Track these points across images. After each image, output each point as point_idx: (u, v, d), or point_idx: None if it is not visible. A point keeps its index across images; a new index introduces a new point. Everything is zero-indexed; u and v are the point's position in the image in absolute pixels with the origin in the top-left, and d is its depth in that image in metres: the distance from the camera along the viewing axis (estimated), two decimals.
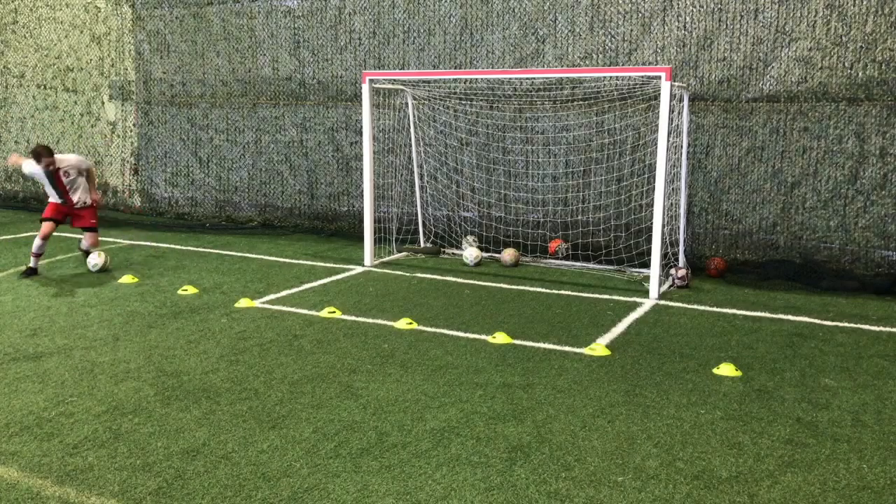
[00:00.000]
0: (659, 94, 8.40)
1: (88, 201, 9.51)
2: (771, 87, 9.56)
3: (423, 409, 5.16)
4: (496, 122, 10.94)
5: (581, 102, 10.42)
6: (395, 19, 11.69)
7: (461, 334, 6.92)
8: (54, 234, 12.47)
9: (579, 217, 10.65)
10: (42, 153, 9.14)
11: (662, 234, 8.36)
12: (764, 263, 9.61)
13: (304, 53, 12.57)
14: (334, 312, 7.56)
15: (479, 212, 11.25)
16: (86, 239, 9.67)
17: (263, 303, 7.98)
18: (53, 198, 9.43)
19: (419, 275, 9.45)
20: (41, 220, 9.36)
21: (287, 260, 10.32)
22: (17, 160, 9.62)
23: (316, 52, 12.48)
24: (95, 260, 9.46)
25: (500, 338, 6.72)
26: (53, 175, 9.24)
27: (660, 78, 8.16)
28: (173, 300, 8.06)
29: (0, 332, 6.82)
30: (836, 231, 9.46)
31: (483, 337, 6.82)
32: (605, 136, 10.35)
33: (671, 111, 8.36)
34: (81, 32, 14.98)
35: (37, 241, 9.24)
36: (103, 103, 15.00)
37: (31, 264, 9.31)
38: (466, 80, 11.07)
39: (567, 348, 6.53)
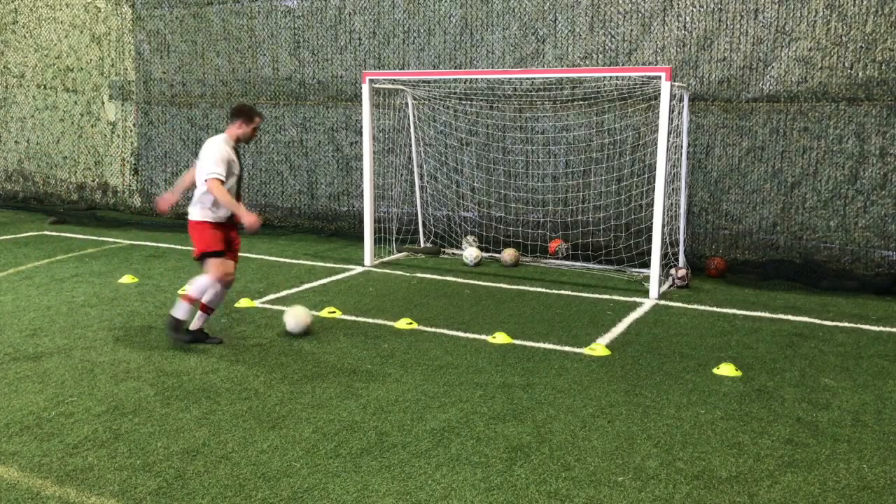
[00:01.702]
0: (659, 94, 8.40)
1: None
2: (771, 87, 9.56)
3: (423, 409, 5.16)
4: (496, 122, 10.94)
5: (581, 102, 10.41)
6: (395, 19, 11.69)
7: (461, 334, 6.91)
8: (57, 234, 12.53)
9: (579, 217, 10.65)
10: (254, 112, 6.38)
11: (662, 234, 8.36)
12: (764, 263, 9.61)
13: (304, 53, 12.57)
14: (334, 312, 7.55)
15: (479, 212, 11.25)
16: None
17: (263, 303, 7.98)
18: (215, 210, 6.27)
19: (419, 275, 9.45)
20: (211, 255, 6.27)
21: (287, 260, 10.32)
22: (173, 196, 6.60)
23: (316, 52, 12.48)
24: (294, 322, 6.77)
25: (500, 338, 6.71)
26: (237, 155, 6.43)
27: (660, 78, 8.17)
28: (173, 300, 8.05)
29: (0, 332, 6.82)
30: (836, 231, 9.46)
31: (483, 337, 6.82)
32: (605, 136, 10.35)
33: (671, 111, 8.36)
34: (81, 32, 14.99)
35: (213, 289, 6.35)
36: (103, 103, 15.00)
37: (198, 324, 6.47)
38: (466, 80, 11.07)
39: (567, 348, 6.53)
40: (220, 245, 6.32)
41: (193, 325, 6.50)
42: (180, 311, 6.33)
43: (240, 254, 6.70)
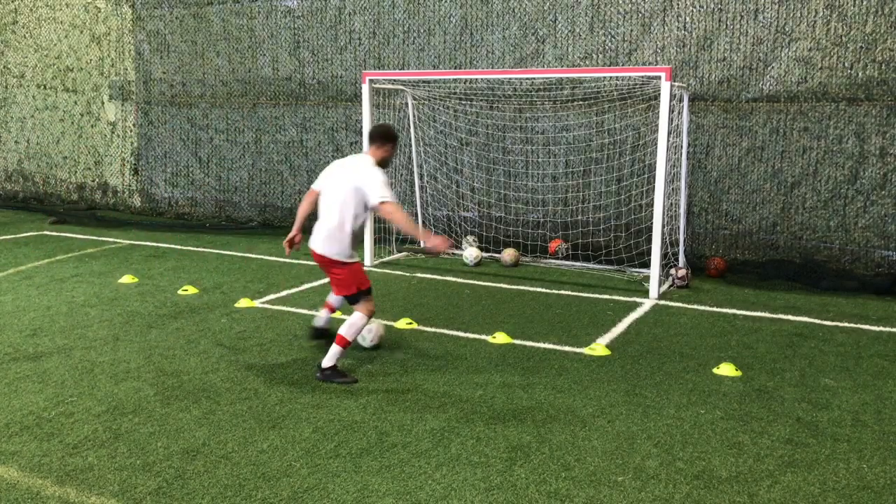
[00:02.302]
0: (659, 94, 8.40)
1: None
2: (771, 87, 9.56)
3: (423, 409, 5.16)
4: (496, 122, 10.94)
5: (581, 102, 10.41)
6: (395, 19, 11.69)
7: (461, 334, 6.91)
8: (57, 234, 12.54)
9: (579, 217, 10.65)
10: (396, 134, 6.10)
11: (662, 234, 8.36)
12: (764, 263, 9.61)
13: (304, 53, 12.57)
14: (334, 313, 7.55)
15: (479, 212, 11.25)
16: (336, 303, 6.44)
17: (263, 303, 7.97)
18: (357, 245, 5.91)
19: (419, 275, 9.45)
20: (366, 293, 5.84)
21: (287, 260, 10.32)
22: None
23: (316, 52, 12.48)
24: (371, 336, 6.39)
25: (500, 338, 6.71)
26: None
27: (660, 78, 8.16)
28: (173, 300, 8.06)
29: (0, 332, 6.82)
30: (836, 231, 9.46)
31: (483, 337, 6.82)
32: (605, 136, 10.34)
33: (671, 111, 8.36)
34: (81, 32, 14.99)
35: (363, 319, 5.85)
36: (103, 103, 15.00)
37: (322, 322, 6.29)
38: (466, 80, 11.07)
39: (567, 348, 6.53)
40: (369, 280, 5.94)
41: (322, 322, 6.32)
42: (334, 357, 5.75)
43: (241, 254, 6.68)
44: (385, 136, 5.93)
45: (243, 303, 7.89)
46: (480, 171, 11.13)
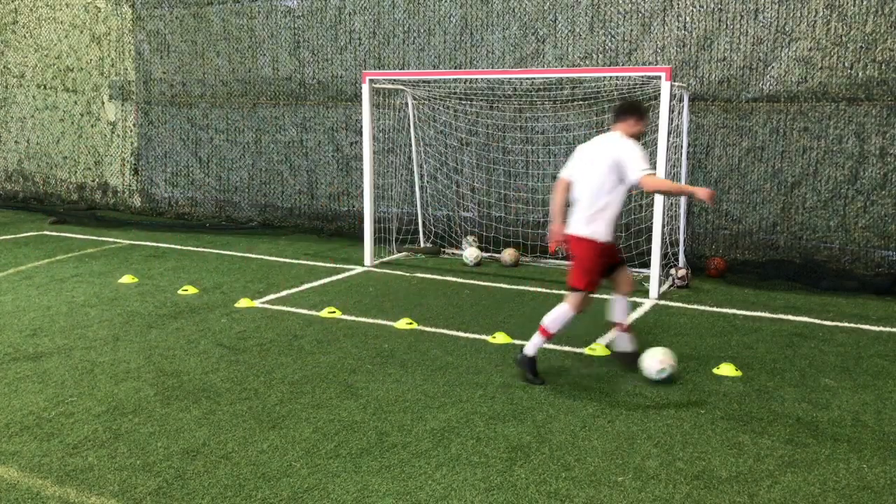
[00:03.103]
0: (659, 94, 8.40)
1: None
2: (771, 87, 9.56)
3: (423, 409, 5.16)
4: (496, 122, 10.94)
5: (581, 102, 10.41)
6: (395, 19, 11.69)
7: (461, 334, 6.91)
8: (57, 234, 12.54)
9: None
10: (644, 108, 5.75)
11: (662, 234, 8.36)
12: (764, 263, 9.61)
13: (304, 53, 12.58)
14: (334, 312, 7.55)
15: (479, 212, 11.25)
16: (626, 286, 6.04)
17: (263, 303, 7.98)
18: (611, 228, 5.65)
19: (419, 275, 9.45)
20: (585, 290, 5.62)
21: (287, 260, 10.32)
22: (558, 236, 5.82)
23: (316, 52, 12.48)
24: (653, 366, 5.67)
25: (500, 338, 6.71)
26: None
27: (660, 78, 8.16)
28: (173, 300, 8.06)
29: (0, 332, 6.82)
30: (836, 231, 9.46)
31: (483, 337, 6.82)
32: None
33: (671, 111, 8.36)
34: (81, 32, 14.99)
35: (568, 313, 5.64)
36: (103, 103, 15.00)
37: (530, 351, 5.70)
38: (466, 80, 11.07)
39: (567, 348, 6.53)
40: (598, 279, 5.69)
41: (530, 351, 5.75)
42: (534, 346, 5.68)
43: (241, 254, 6.68)
44: (626, 111, 5.67)
45: (243, 303, 7.89)
46: (480, 171, 11.13)
